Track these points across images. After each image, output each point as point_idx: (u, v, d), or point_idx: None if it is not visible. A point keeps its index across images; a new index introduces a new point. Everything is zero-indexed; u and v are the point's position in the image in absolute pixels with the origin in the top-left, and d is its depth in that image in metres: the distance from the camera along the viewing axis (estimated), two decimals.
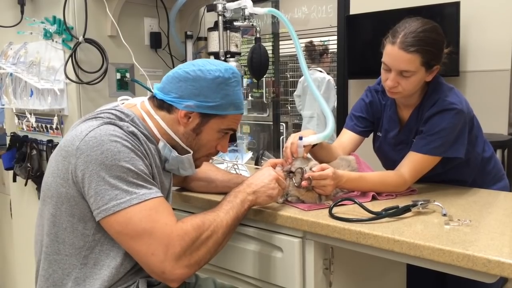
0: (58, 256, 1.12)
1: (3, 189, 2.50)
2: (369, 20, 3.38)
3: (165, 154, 1.25)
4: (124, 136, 1.09)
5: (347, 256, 1.37)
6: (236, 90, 1.24)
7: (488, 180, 1.65)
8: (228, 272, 1.48)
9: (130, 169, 1.06)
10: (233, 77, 1.23)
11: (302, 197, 1.38)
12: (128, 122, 1.16)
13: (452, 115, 1.45)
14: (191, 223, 1.10)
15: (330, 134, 1.45)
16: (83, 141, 1.06)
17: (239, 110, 1.27)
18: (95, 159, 1.04)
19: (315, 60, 5.05)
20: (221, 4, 1.85)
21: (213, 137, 1.26)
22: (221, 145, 1.30)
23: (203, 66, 1.20)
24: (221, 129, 1.25)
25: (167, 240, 1.05)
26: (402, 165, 1.49)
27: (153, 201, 1.07)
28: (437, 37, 1.45)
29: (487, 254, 1.00)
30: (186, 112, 1.20)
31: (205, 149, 1.28)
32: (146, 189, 1.08)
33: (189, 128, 1.23)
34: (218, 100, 1.20)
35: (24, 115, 2.06)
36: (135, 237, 1.05)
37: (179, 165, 1.27)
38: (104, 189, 1.04)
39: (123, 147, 1.06)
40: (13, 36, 2.05)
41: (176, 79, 1.20)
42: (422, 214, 1.28)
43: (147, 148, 1.16)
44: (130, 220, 1.04)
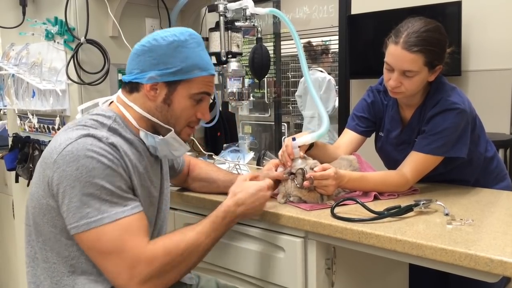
0: (47, 264, 1.12)
1: (5, 190, 2.50)
2: (371, 20, 3.38)
3: (150, 143, 1.20)
4: (102, 151, 1.05)
5: (349, 256, 1.37)
6: (197, 51, 1.18)
7: (490, 179, 1.65)
8: (230, 272, 1.48)
9: (104, 186, 1.03)
10: (190, 38, 1.17)
11: (304, 198, 1.38)
12: (109, 129, 1.13)
13: (454, 115, 1.45)
14: (163, 247, 1.07)
15: (324, 133, 1.45)
16: (60, 155, 1.04)
17: (206, 71, 1.20)
18: (70, 174, 1.02)
19: (315, 60, 5.05)
20: (223, 4, 1.85)
21: (186, 104, 1.19)
22: (201, 112, 1.24)
23: (157, 35, 1.16)
24: (192, 94, 1.19)
25: (134, 263, 1.03)
26: (404, 165, 1.49)
27: (125, 220, 1.04)
28: (440, 37, 1.45)
29: (489, 253, 0.99)
30: (151, 85, 1.16)
31: (183, 119, 1.22)
32: (120, 206, 1.05)
33: (159, 101, 1.18)
34: (178, 64, 1.15)
35: (26, 116, 2.06)
36: (104, 255, 1.04)
37: (168, 148, 1.22)
38: (75, 206, 1.02)
39: (98, 164, 1.03)
40: (15, 37, 2.05)
41: (135, 55, 1.17)
42: (424, 213, 1.28)
43: (127, 162, 1.11)
44: (99, 239, 1.03)
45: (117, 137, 1.14)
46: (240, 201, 1.23)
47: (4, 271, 2.65)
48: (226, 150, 2.04)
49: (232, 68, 1.87)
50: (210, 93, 1.23)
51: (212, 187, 1.52)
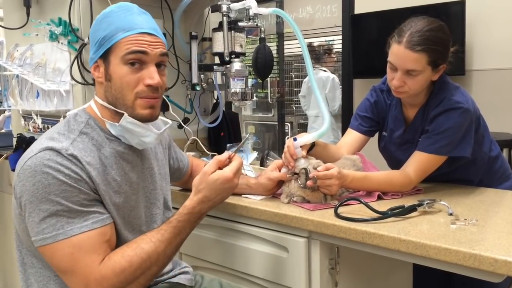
0: (33, 269, 1.12)
1: (10, 190, 2.51)
2: (374, 20, 3.38)
3: (118, 133, 1.14)
4: (58, 166, 1.02)
5: (353, 256, 1.37)
6: (122, 17, 1.11)
7: (495, 179, 1.64)
8: (233, 272, 1.49)
9: (60, 202, 1.00)
10: (117, 8, 1.13)
11: (307, 197, 1.38)
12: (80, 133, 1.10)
13: (458, 114, 1.44)
14: (113, 266, 1.03)
15: (325, 132, 1.45)
16: (22, 169, 1.03)
17: (131, 31, 1.09)
18: (28, 189, 1.01)
19: (319, 60, 5.05)
20: (226, 4, 1.85)
21: (121, 71, 1.09)
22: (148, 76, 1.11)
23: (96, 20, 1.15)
24: (123, 58, 1.09)
25: (85, 282, 1.01)
26: (408, 164, 1.49)
27: (80, 236, 1.01)
28: (443, 36, 1.45)
29: (494, 253, 0.99)
30: (94, 67, 1.14)
31: (128, 90, 1.11)
32: (78, 222, 1.02)
33: (102, 79, 1.13)
34: (102, 33, 1.10)
35: (30, 116, 2.07)
36: (60, 272, 1.04)
37: (132, 134, 1.14)
38: (33, 221, 1.01)
39: (53, 180, 1.00)
40: (19, 38, 2.06)
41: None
42: (428, 213, 1.28)
43: (90, 169, 1.06)
44: (53, 255, 1.02)
45: (85, 142, 1.10)
46: (206, 199, 1.14)
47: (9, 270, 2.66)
48: (229, 150, 2.04)
49: (235, 68, 1.88)
50: (142, 51, 1.09)
51: None
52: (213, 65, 1.97)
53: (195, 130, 2.17)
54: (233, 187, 1.18)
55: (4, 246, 2.65)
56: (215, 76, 1.96)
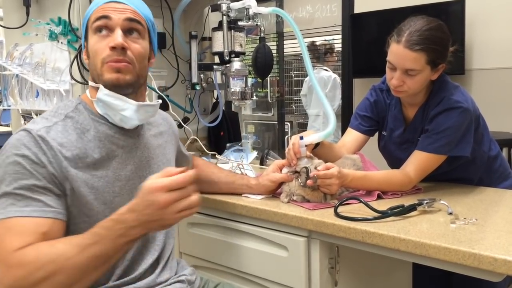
0: None
1: None
2: (374, 19, 3.37)
3: (102, 111, 1.13)
4: (22, 147, 1.01)
5: (353, 255, 1.37)
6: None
7: (494, 178, 1.65)
8: (233, 271, 1.49)
9: (10, 183, 0.98)
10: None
11: (307, 197, 1.38)
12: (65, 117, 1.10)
13: (457, 114, 1.44)
14: (22, 256, 0.93)
15: (331, 132, 1.45)
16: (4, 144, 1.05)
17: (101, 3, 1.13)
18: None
19: (320, 59, 5.05)
20: (225, 4, 1.85)
21: (92, 41, 1.12)
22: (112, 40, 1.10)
23: None
24: (91, 27, 1.12)
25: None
26: (408, 164, 1.49)
27: (14, 220, 0.96)
28: (442, 36, 1.45)
29: (493, 252, 0.99)
30: (84, 51, 1.18)
31: (97, 57, 1.11)
32: (18, 206, 0.97)
33: (87, 60, 1.17)
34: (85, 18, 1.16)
35: (30, 115, 2.07)
36: None
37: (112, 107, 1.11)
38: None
39: (12, 161, 1.00)
40: (19, 38, 2.06)
41: None
42: (427, 213, 1.28)
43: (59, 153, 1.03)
44: None
45: (67, 125, 1.09)
46: (133, 207, 0.96)
47: None
48: (229, 149, 2.04)
49: (235, 68, 1.88)
50: (105, 15, 1.11)
51: (214, 188, 1.52)
52: (213, 65, 1.97)
53: (195, 130, 2.17)
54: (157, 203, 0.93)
55: None
56: (215, 76, 1.96)
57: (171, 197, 0.94)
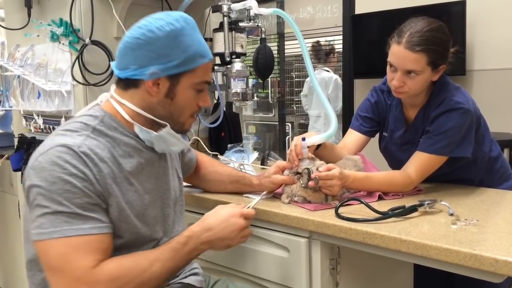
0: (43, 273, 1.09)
1: (11, 190, 2.52)
2: (375, 20, 3.37)
3: (145, 137, 1.15)
4: (66, 164, 1.00)
5: (354, 256, 1.37)
6: (195, 37, 1.12)
7: (495, 179, 1.64)
8: (234, 272, 1.49)
9: (61, 203, 0.99)
10: (186, 24, 1.10)
11: (309, 198, 1.38)
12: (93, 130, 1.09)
13: (459, 115, 1.44)
14: (108, 273, 1.00)
15: (333, 134, 1.45)
16: (32, 165, 1.03)
17: (207, 57, 1.14)
18: (35, 185, 1.01)
19: (321, 60, 5.05)
20: (226, 5, 1.85)
21: (189, 95, 1.14)
22: (202, 100, 1.18)
23: (150, 24, 1.08)
24: (195, 84, 1.14)
25: (75, 285, 0.98)
26: (409, 164, 1.49)
27: (76, 238, 0.99)
28: (443, 37, 1.45)
29: (494, 253, 0.99)
30: (153, 81, 1.09)
31: (187, 110, 1.17)
32: (76, 225, 1.00)
33: (162, 95, 1.12)
34: (181, 55, 1.09)
35: (31, 116, 2.07)
36: (48, 269, 1.02)
37: (165, 143, 1.17)
38: (35, 215, 1.01)
39: (58, 179, 0.99)
40: (20, 39, 2.06)
41: (128, 50, 1.09)
42: (429, 213, 1.28)
43: (103, 167, 1.05)
44: (46, 252, 1.00)
45: (99, 139, 1.09)
46: (208, 226, 1.13)
47: (11, 271, 2.67)
48: (230, 150, 2.04)
49: (236, 69, 1.88)
50: (210, 82, 1.19)
51: (219, 188, 1.53)
52: (214, 66, 1.97)
53: (196, 130, 2.17)
54: (238, 224, 1.14)
55: (5, 245, 2.66)
56: (216, 76, 1.96)
57: (246, 223, 1.17)
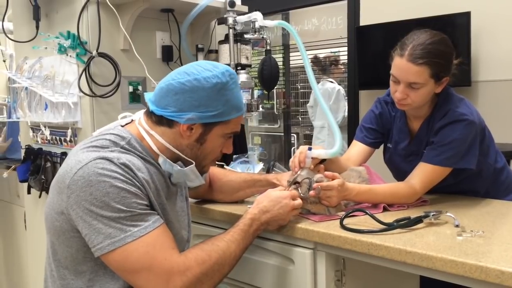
0: (64, 281, 1.12)
1: (17, 201, 2.53)
2: (379, 31, 3.39)
3: (167, 169, 1.20)
4: (114, 173, 1.04)
5: (359, 268, 1.36)
6: (235, 93, 1.19)
7: (501, 190, 1.63)
8: (239, 283, 1.48)
9: (121, 209, 1.03)
10: (231, 79, 1.17)
11: (312, 210, 1.38)
12: (122, 148, 1.12)
13: (463, 126, 1.44)
14: (195, 258, 1.08)
15: (338, 152, 1.43)
16: (73, 180, 1.04)
17: (241, 111, 1.22)
18: (85, 200, 1.02)
19: (326, 71, 5.07)
20: (232, 17, 1.87)
21: (217, 143, 1.22)
22: (226, 147, 1.26)
23: (198, 74, 1.14)
24: (225, 134, 1.22)
25: (167, 276, 1.03)
26: (413, 176, 1.49)
27: (149, 235, 1.04)
28: (445, 49, 1.45)
29: (500, 265, 0.99)
30: (188, 125, 1.15)
31: (211, 156, 1.25)
32: (141, 223, 1.04)
33: (193, 139, 1.18)
34: (220, 108, 1.15)
35: (38, 128, 2.09)
36: (133, 273, 1.04)
37: (184, 177, 1.24)
38: (98, 228, 1.02)
39: (111, 188, 1.03)
40: (29, 51, 2.09)
41: (171, 92, 1.14)
42: (434, 225, 1.27)
43: (143, 180, 1.10)
44: (127, 258, 1.02)
45: (130, 155, 1.13)
46: (265, 209, 1.25)
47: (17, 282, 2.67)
48: (236, 161, 2.05)
49: (241, 80, 1.89)
50: (238, 132, 1.26)
51: (238, 196, 1.55)
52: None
53: None
54: (289, 205, 1.27)
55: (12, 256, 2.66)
56: None
57: (295, 203, 1.28)
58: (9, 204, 2.63)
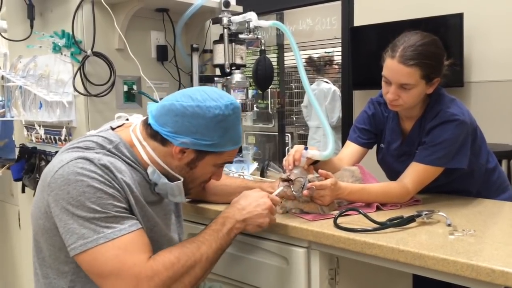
0: (47, 280, 1.13)
1: (12, 200, 2.52)
2: (373, 32, 3.41)
3: (154, 180, 1.19)
4: (92, 173, 1.04)
5: (353, 266, 1.37)
6: (235, 126, 1.18)
7: (492, 191, 1.65)
8: (233, 282, 1.49)
9: (96, 209, 1.02)
10: (233, 113, 1.16)
11: (302, 207, 1.39)
12: (108, 151, 1.12)
13: (454, 126, 1.46)
14: (163, 261, 1.06)
15: (331, 154, 1.44)
16: (53, 178, 1.05)
17: (237, 144, 1.21)
18: (62, 198, 1.03)
19: (320, 72, 5.09)
20: (226, 17, 1.88)
21: (207, 170, 1.22)
22: (216, 175, 1.26)
23: (202, 102, 1.13)
24: (217, 164, 1.21)
25: (135, 282, 1.02)
26: (405, 175, 1.50)
27: (122, 239, 1.03)
28: (436, 50, 1.47)
29: (491, 264, 1.00)
30: (181, 148, 1.15)
31: (198, 181, 1.25)
32: (116, 226, 1.04)
33: (183, 162, 1.18)
34: (216, 139, 1.15)
35: (33, 127, 2.09)
36: (102, 277, 1.03)
37: (168, 190, 1.22)
38: (72, 228, 1.02)
39: (88, 187, 1.02)
40: (23, 50, 2.09)
41: (172, 112, 1.13)
42: (426, 224, 1.29)
43: (122, 182, 1.09)
44: (96, 260, 1.02)
45: (114, 158, 1.12)
46: (240, 206, 1.22)
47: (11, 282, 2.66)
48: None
49: (235, 80, 1.90)
50: (231, 162, 1.27)
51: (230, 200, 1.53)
52: (214, 77, 1.99)
53: None
54: (267, 204, 1.24)
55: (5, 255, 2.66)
56: (215, 87, 1.98)
57: (271, 203, 1.25)
58: (3, 203, 2.62)
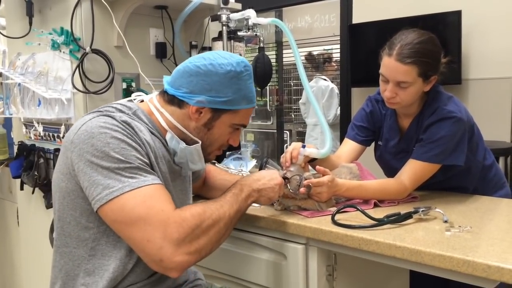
0: (67, 249, 1.14)
1: (10, 197, 2.53)
2: (372, 29, 3.41)
3: (173, 146, 1.22)
4: (115, 127, 1.08)
5: (350, 263, 1.38)
6: (248, 84, 1.22)
7: (489, 187, 1.66)
8: (232, 278, 1.50)
9: (121, 159, 1.04)
10: (245, 70, 1.20)
11: (299, 204, 1.39)
12: (126, 114, 1.15)
13: (451, 123, 1.47)
14: (190, 211, 1.07)
15: (328, 152, 1.45)
16: (76, 135, 1.08)
17: (252, 103, 1.24)
18: (86, 151, 1.05)
19: (319, 69, 5.09)
20: (225, 14, 1.88)
21: (224, 131, 1.24)
22: (233, 139, 1.28)
23: (214, 60, 1.18)
24: (233, 124, 1.23)
25: (164, 227, 1.02)
26: (402, 172, 1.51)
27: (147, 188, 1.05)
28: (433, 48, 1.48)
29: (487, 260, 1.01)
30: (197, 108, 1.18)
31: (217, 143, 1.26)
32: (140, 177, 1.05)
33: (201, 123, 1.21)
34: (230, 95, 1.18)
35: (31, 124, 2.09)
36: (130, 224, 1.02)
37: (188, 157, 1.23)
38: (97, 179, 1.04)
39: (111, 139, 1.06)
40: (22, 47, 2.09)
41: (186, 74, 1.18)
42: (423, 220, 1.30)
43: (143, 139, 1.13)
44: (123, 207, 1.02)
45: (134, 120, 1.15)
46: (256, 177, 1.26)
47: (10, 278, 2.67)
48: (228, 157, 2.06)
49: None
50: (246, 126, 1.28)
51: None
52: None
53: None
54: (279, 180, 1.28)
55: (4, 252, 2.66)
56: None
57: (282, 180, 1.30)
58: (1, 200, 2.62)
